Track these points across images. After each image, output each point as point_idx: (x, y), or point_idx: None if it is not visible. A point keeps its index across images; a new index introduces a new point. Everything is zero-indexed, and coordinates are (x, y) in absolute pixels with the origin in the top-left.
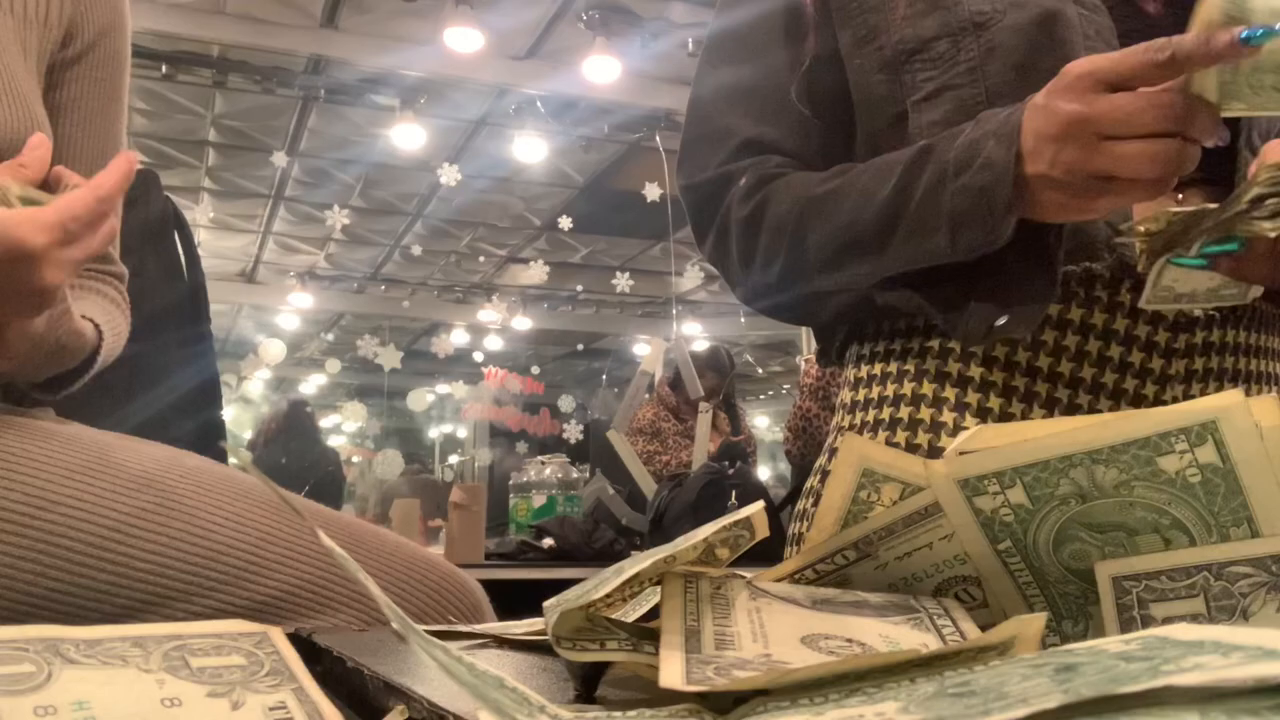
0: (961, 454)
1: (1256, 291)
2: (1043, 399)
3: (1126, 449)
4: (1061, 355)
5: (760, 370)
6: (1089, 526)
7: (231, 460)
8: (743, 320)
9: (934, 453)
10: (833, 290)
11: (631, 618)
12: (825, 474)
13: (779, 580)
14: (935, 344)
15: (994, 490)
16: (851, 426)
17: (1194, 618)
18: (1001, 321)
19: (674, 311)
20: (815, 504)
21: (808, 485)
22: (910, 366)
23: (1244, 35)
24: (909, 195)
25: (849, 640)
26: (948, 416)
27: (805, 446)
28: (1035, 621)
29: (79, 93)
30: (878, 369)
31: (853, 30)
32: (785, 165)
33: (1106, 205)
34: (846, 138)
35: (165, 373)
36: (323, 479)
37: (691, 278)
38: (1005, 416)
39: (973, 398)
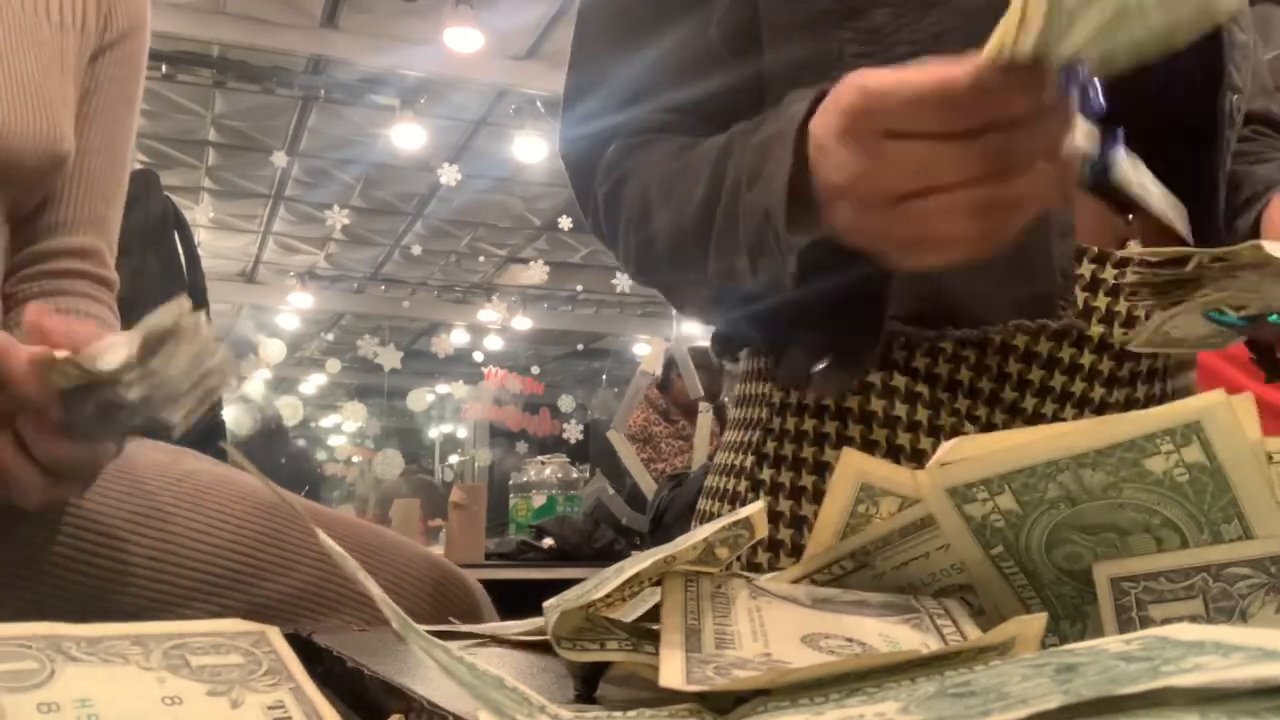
0: (943, 465)
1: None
2: (982, 423)
3: (1112, 452)
4: (1005, 382)
5: None
6: (1080, 529)
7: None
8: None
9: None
10: (687, 288)
11: (631, 618)
12: (730, 468)
13: None
14: (878, 355)
15: (983, 498)
16: (785, 434)
17: (1192, 619)
18: (820, 368)
19: (674, 311)
20: (723, 502)
21: (709, 483)
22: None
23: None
24: (714, 205)
25: (849, 640)
26: (877, 434)
27: None
28: (1035, 622)
29: (93, 86)
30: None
31: None
32: (662, 124)
33: (929, 264)
34: (753, 103)
35: None
36: (301, 475)
37: None
38: (956, 432)
39: (922, 414)
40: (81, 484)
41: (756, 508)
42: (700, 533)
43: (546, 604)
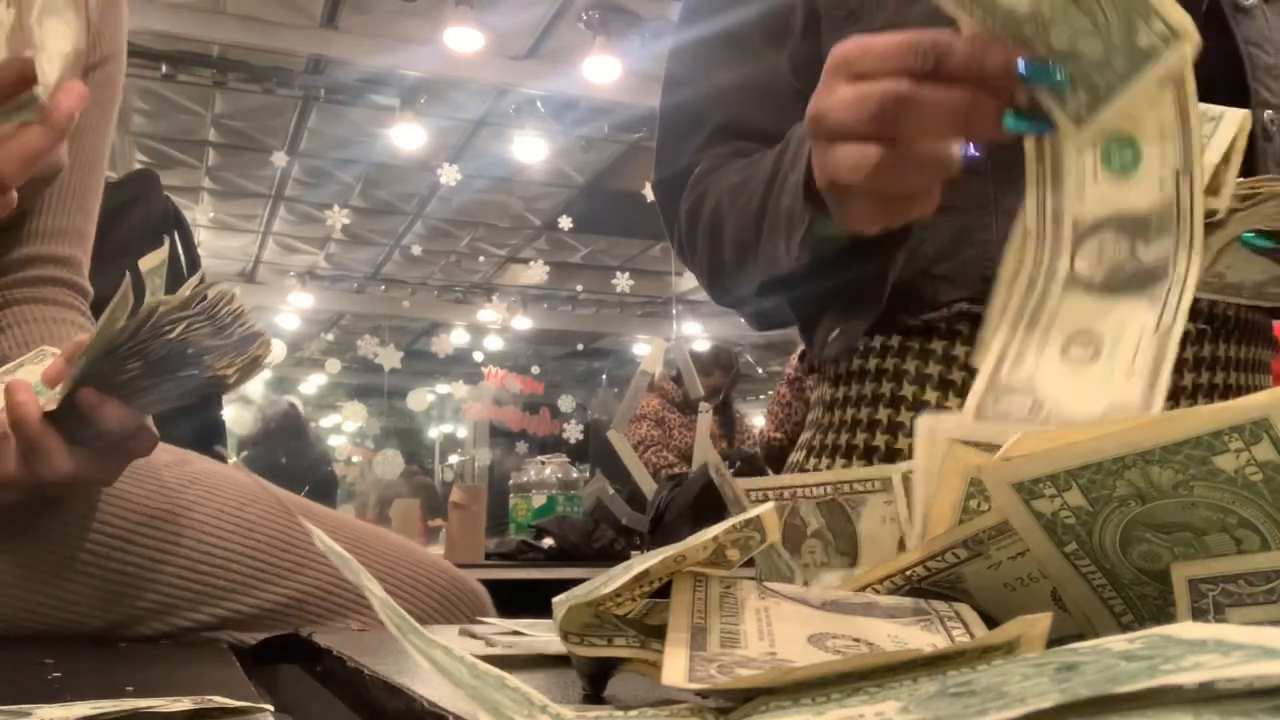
0: (1006, 460)
1: None
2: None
3: (1179, 449)
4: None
5: (760, 370)
6: (1154, 527)
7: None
8: (743, 320)
9: (891, 455)
10: (750, 293)
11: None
12: (810, 449)
13: (886, 577)
14: (915, 344)
15: (1050, 494)
16: (830, 425)
17: (1275, 624)
18: (834, 336)
19: (674, 311)
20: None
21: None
22: (889, 366)
23: (1023, 69)
24: (766, 202)
25: (856, 640)
26: None
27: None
28: (1040, 621)
29: None
30: (856, 365)
31: (836, 13)
32: (744, 150)
33: (881, 217)
34: None
35: None
36: (321, 479)
37: (691, 277)
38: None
39: (954, 403)
40: (145, 446)
41: (767, 508)
42: (710, 532)
43: (555, 599)
